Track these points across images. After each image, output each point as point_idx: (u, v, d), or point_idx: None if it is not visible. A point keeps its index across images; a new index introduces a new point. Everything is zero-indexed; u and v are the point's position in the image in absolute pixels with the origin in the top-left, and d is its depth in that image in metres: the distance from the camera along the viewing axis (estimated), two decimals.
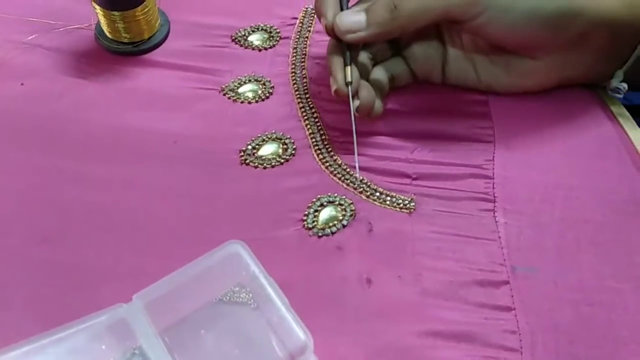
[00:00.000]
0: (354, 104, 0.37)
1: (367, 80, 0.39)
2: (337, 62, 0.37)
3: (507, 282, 0.34)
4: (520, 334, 0.32)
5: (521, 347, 0.31)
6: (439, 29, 0.41)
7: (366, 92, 0.37)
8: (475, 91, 0.42)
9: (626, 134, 0.40)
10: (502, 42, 0.38)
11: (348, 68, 0.37)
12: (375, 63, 0.41)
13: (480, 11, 0.35)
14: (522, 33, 0.37)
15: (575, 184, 0.38)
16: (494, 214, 0.36)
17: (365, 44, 0.40)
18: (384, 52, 0.41)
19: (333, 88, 0.37)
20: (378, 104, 0.39)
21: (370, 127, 0.40)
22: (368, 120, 0.39)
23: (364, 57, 0.40)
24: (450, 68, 0.41)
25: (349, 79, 0.37)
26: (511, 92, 0.41)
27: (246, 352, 0.29)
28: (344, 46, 0.38)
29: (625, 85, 0.40)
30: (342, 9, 0.38)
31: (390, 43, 0.41)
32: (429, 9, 0.36)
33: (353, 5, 0.40)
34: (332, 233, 0.35)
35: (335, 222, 0.36)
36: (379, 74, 0.41)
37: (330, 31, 0.38)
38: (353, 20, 0.37)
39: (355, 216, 0.36)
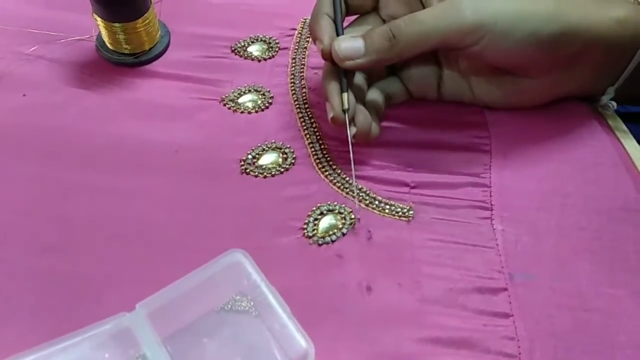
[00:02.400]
0: (351, 131, 0.37)
1: (364, 101, 0.39)
2: (333, 88, 0.37)
3: (505, 289, 0.34)
4: (518, 340, 0.32)
5: (520, 353, 0.32)
6: (435, 51, 0.41)
7: (362, 117, 0.37)
8: None
9: (620, 143, 0.41)
10: (499, 64, 0.38)
11: (345, 95, 0.37)
12: (370, 83, 0.41)
13: (479, 38, 0.35)
14: (520, 56, 0.37)
15: (570, 192, 0.38)
16: (491, 221, 0.37)
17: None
18: (380, 73, 0.42)
19: (330, 115, 0.37)
20: (375, 128, 0.38)
21: None
22: (365, 145, 0.39)
23: (359, 78, 0.40)
24: (446, 87, 0.42)
25: (345, 105, 0.36)
26: (507, 108, 0.42)
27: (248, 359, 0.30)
28: (341, 71, 0.37)
29: (614, 103, 0.41)
30: (337, 34, 0.38)
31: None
32: (427, 38, 0.36)
33: (347, 27, 0.40)
34: (332, 241, 0.36)
35: (335, 230, 0.36)
36: (375, 95, 0.40)
37: (327, 56, 0.37)
38: (351, 46, 0.36)
39: (354, 224, 0.37)
